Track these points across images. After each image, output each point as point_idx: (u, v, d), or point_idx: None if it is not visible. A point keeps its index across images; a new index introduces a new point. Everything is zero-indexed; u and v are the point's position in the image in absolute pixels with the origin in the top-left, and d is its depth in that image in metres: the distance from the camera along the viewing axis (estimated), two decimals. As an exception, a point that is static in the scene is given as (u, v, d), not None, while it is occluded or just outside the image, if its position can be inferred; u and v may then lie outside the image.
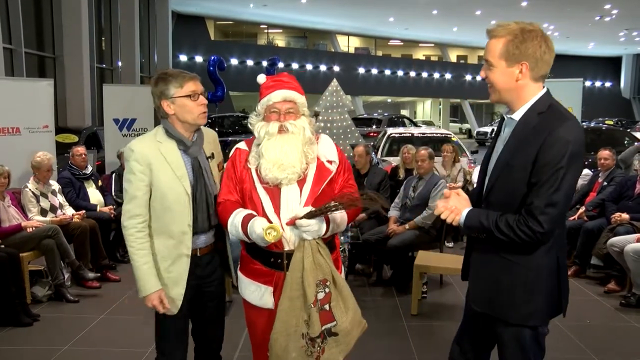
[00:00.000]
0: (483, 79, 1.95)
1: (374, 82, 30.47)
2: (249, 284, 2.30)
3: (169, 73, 2.27)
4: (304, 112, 2.28)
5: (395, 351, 3.51)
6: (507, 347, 1.99)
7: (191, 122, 2.28)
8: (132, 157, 2.23)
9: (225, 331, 2.62)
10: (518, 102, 1.90)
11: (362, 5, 21.95)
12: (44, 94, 6.51)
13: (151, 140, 2.28)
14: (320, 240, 2.19)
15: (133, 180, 2.23)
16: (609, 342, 3.87)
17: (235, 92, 25.45)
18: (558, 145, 1.76)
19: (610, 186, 5.49)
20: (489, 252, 1.97)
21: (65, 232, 4.77)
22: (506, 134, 1.94)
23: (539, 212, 1.79)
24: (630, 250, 4.46)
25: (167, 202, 2.24)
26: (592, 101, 27.09)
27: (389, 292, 4.87)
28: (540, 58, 1.83)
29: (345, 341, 2.16)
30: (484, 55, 1.94)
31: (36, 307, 4.43)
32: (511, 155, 1.87)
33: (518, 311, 1.93)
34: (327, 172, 2.27)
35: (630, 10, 21.27)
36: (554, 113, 1.84)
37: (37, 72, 11.42)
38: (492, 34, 1.88)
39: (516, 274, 1.91)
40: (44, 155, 5.06)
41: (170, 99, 2.24)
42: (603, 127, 12.55)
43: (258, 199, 2.22)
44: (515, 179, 1.85)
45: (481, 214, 1.91)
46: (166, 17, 19.25)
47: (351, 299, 2.21)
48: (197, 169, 2.31)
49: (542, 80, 1.90)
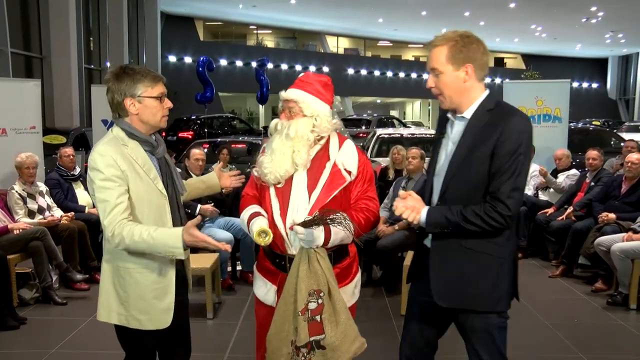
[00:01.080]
0: (429, 89, 2.05)
1: (364, 83, 30.52)
2: (259, 279, 2.39)
3: (136, 70, 2.11)
4: (307, 113, 2.23)
5: (385, 351, 3.52)
6: (476, 337, 2.05)
7: (153, 124, 2.14)
8: (106, 163, 2.02)
9: (215, 332, 2.60)
10: (467, 103, 2.02)
11: (351, 6, 21.97)
12: (31, 95, 6.45)
13: (116, 144, 2.07)
14: (322, 250, 2.16)
15: (112, 186, 2.01)
16: (596, 341, 3.91)
17: (225, 92, 25.37)
18: (515, 135, 1.92)
19: (597, 186, 5.55)
20: (450, 247, 2.02)
21: (53, 234, 4.73)
22: (456, 133, 2.04)
23: (505, 196, 1.90)
24: (616, 249, 4.50)
25: (145, 207, 2.09)
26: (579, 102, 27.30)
27: (378, 292, 4.88)
28: (481, 59, 1.99)
29: (334, 357, 2.12)
30: (429, 65, 2.03)
31: (23, 310, 4.39)
32: (469, 150, 1.97)
33: (487, 299, 2.00)
34: (342, 180, 2.22)
35: (616, 13, 21.50)
36: (503, 108, 2.00)
37: (24, 73, 11.31)
38: (434, 44, 2.00)
39: (482, 263, 1.99)
40: (25, 155, 5.03)
41: (137, 98, 2.08)
42: (590, 127, 12.66)
43: (269, 199, 2.26)
44: (475, 172, 1.95)
45: (442, 209, 1.98)
46: (155, 17, 19.14)
47: (344, 313, 2.16)
48: (166, 169, 2.20)
49: (484, 81, 2.04)
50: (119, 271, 2.13)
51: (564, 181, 6.16)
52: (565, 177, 6.22)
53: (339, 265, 2.27)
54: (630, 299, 4.47)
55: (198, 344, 3.59)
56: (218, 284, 4.64)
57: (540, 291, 4.97)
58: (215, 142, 9.16)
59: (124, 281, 2.13)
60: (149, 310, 2.12)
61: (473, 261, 1.99)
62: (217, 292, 4.60)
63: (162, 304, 2.14)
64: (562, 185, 6.14)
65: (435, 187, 2.08)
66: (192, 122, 14.40)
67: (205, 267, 4.23)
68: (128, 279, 2.12)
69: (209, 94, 13.15)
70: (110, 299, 2.15)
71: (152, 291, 2.12)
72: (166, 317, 2.15)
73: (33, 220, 4.87)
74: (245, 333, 3.90)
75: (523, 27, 25.78)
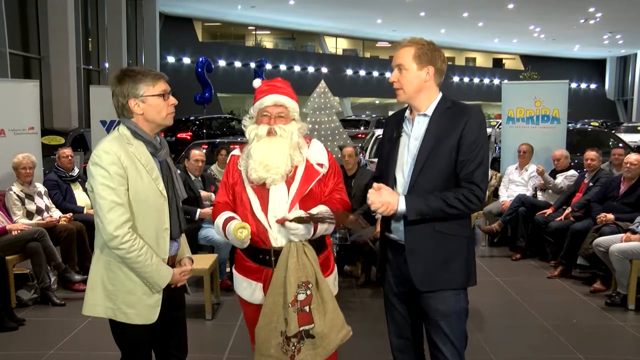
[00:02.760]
0: (391, 83, 2.24)
1: (362, 84, 30.53)
2: (242, 281, 2.42)
3: (136, 70, 2.17)
4: (294, 117, 2.39)
5: (384, 351, 3.52)
6: (445, 320, 2.18)
7: (159, 123, 2.20)
8: (109, 161, 2.06)
9: (214, 333, 2.61)
10: (426, 102, 2.23)
11: (350, 7, 21.99)
12: (29, 95, 6.44)
13: (120, 142, 2.12)
14: (307, 242, 2.27)
15: (113, 185, 2.05)
16: (595, 341, 3.91)
17: (223, 93, 25.36)
18: (477, 126, 2.15)
19: (596, 187, 5.55)
20: (424, 233, 2.16)
21: (51, 235, 4.73)
22: (418, 130, 2.22)
23: (479, 180, 2.13)
24: (615, 250, 4.51)
25: (144, 206, 2.13)
26: (577, 103, 27.36)
27: (377, 293, 4.88)
28: (441, 66, 2.23)
29: (322, 345, 2.20)
30: (396, 61, 2.22)
31: (21, 311, 4.38)
32: (435, 143, 2.16)
33: (462, 276, 2.20)
34: (316, 173, 2.37)
35: (614, 14, 21.54)
36: (460, 105, 2.23)
37: (23, 73, 11.30)
38: (402, 45, 2.22)
39: (454, 244, 2.19)
40: (22, 156, 5.03)
41: (140, 98, 2.14)
42: (588, 128, 12.67)
43: (247, 199, 2.33)
44: (443, 162, 2.14)
45: (419, 197, 2.12)
46: (153, 18, 19.14)
47: (331, 302, 2.25)
48: (167, 172, 2.25)
49: (439, 86, 2.26)
50: (110, 266, 2.16)
51: (563, 182, 6.17)
52: (563, 177, 6.22)
53: (320, 256, 2.36)
54: (629, 299, 4.48)
55: (197, 344, 3.60)
56: (217, 285, 4.65)
57: (539, 292, 4.97)
58: (214, 143, 9.15)
59: (114, 275, 2.16)
60: (136, 305, 2.16)
61: (446, 243, 2.17)
62: (215, 293, 4.60)
63: (150, 299, 2.18)
64: (560, 185, 6.14)
65: (400, 180, 2.24)
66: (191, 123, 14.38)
67: (204, 268, 4.23)
68: (119, 273, 2.15)
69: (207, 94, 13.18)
70: (96, 294, 2.19)
71: (142, 287, 2.17)
72: (153, 313, 2.19)
73: (31, 221, 4.86)
74: (244, 333, 3.88)
75: (522, 28, 25.82)
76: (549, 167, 6.49)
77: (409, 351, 2.37)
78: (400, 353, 2.38)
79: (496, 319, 4.36)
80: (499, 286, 5.11)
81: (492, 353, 3.66)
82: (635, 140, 13.49)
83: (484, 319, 4.32)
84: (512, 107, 7.52)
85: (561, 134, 7.28)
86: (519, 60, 36.16)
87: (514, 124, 7.50)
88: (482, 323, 4.23)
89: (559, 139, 7.19)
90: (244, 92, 25.46)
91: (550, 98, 7.35)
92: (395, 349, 2.38)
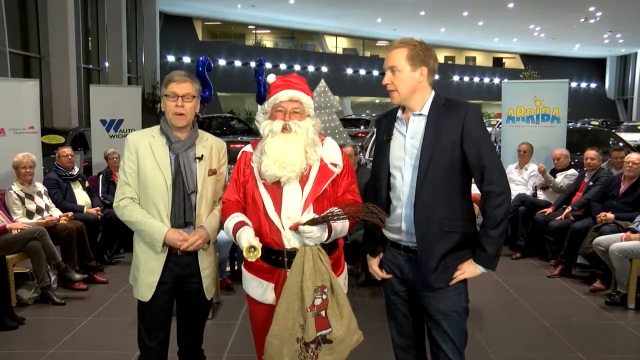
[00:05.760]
0: (385, 85, 2.23)
1: (362, 83, 30.54)
2: (252, 280, 2.34)
3: (170, 73, 2.48)
4: (309, 113, 2.33)
5: (384, 349, 3.52)
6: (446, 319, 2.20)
7: (170, 121, 2.44)
8: (125, 146, 2.46)
9: (214, 333, 2.64)
10: (420, 101, 2.21)
11: (350, 6, 21.99)
12: (29, 95, 6.44)
13: (147, 134, 2.49)
14: (321, 245, 2.21)
15: (124, 167, 2.44)
16: (595, 340, 3.91)
17: (223, 92, 25.38)
18: (477, 119, 2.17)
19: (596, 186, 5.55)
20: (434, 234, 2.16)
21: (51, 234, 4.73)
22: (414, 130, 2.20)
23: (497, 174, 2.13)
24: (615, 249, 4.51)
25: (148, 189, 2.41)
26: (577, 102, 27.34)
27: (377, 292, 4.88)
28: (433, 65, 2.21)
29: (339, 350, 2.16)
30: (388, 63, 2.20)
31: (21, 310, 4.38)
32: (436, 141, 2.14)
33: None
34: (330, 173, 2.30)
35: (614, 13, 21.54)
36: (454, 101, 2.22)
37: (23, 73, 11.30)
38: (394, 46, 2.20)
39: (461, 241, 2.19)
40: (22, 155, 5.03)
41: (163, 97, 2.45)
42: (588, 127, 12.68)
43: (260, 197, 2.26)
44: (447, 159, 2.14)
45: (484, 245, 2.15)
46: (154, 17, 19.16)
47: (347, 307, 2.21)
48: (177, 165, 2.43)
49: (432, 85, 2.25)
50: (134, 243, 2.51)
51: (563, 181, 6.17)
52: (563, 176, 6.22)
53: (332, 256, 2.30)
54: (629, 298, 4.48)
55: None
56: (218, 285, 4.64)
57: (539, 291, 4.97)
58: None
59: (134, 251, 2.51)
60: (137, 281, 2.47)
61: (454, 242, 2.18)
62: (216, 292, 4.59)
63: (147, 279, 2.43)
64: (560, 185, 6.14)
65: (399, 180, 2.22)
66: (191, 122, 14.37)
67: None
68: (136, 249, 2.50)
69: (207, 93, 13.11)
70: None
71: (144, 265, 2.44)
72: (149, 292, 2.42)
73: (31, 220, 4.86)
74: (244, 333, 3.89)
75: (522, 27, 25.82)
76: (549, 166, 6.49)
77: (411, 349, 2.38)
78: (402, 351, 2.39)
79: (496, 318, 4.36)
80: (499, 285, 5.11)
81: (491, 352, 3.66)
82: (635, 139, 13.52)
83: (484, 318, 4.32)
84: (512, 107, 7.52)
85: (561, 133, 7.28)
86: (519, 60, 36.15)
87: (514, 123, 7.50)
88: (482, 322, 4.23)
89: (559, 138, 7.18)
90: (244, 91, 25.44)
91: (550, 97, 7.35)
92: (397, 346, 2.40)
